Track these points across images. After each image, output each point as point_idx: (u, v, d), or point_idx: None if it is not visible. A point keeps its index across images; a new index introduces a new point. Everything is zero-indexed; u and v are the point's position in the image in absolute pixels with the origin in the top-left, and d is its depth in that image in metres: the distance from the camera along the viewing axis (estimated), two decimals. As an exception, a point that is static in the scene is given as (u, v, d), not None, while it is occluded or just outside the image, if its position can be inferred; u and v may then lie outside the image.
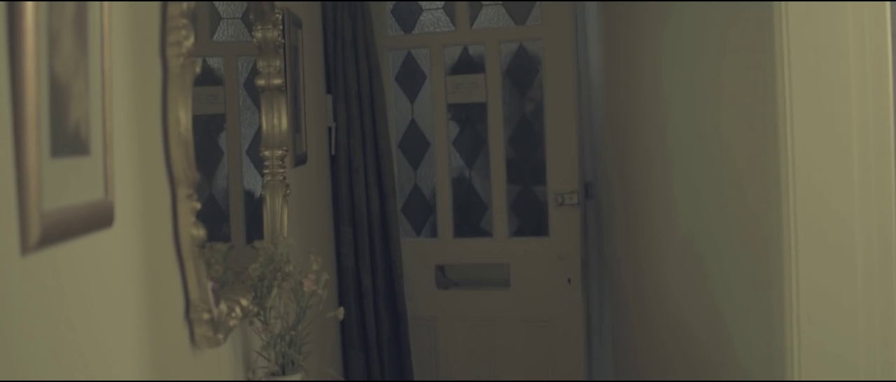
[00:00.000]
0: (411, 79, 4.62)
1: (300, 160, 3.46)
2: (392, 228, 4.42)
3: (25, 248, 1.19)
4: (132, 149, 1.67)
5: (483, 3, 4.63)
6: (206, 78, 2.85)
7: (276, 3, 2.82)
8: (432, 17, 4.63)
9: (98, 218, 1.44)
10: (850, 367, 2.51)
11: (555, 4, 4.56)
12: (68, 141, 1.32)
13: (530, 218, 4.71)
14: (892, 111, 2.53)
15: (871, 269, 2.50)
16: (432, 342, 4.75)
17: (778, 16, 2.48)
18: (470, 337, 4.69)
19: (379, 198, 4.39)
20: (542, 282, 4.62)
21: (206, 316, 1.96)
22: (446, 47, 4.62)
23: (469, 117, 4.69)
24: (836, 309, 2.51)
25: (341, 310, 2.65)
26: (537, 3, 4.60)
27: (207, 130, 2.83)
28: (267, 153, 2.80)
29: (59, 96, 1.28)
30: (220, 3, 2.73)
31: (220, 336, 2.02)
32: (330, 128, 4.36)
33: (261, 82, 2.79)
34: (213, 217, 2.80)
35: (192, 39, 1.87)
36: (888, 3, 2.53)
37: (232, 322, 2.14)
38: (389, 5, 4.65)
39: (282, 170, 2.82)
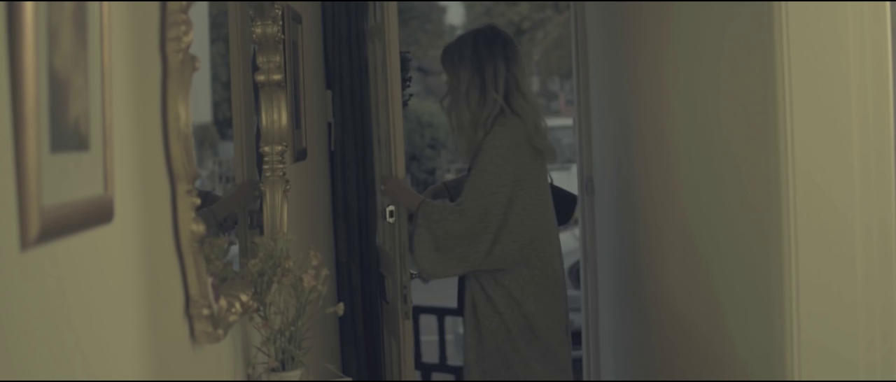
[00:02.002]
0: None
1: (300, 155, 3.46)
2: (371, 226, 4.42)
3: (25, 243, 1.20)
4: (132, 144, 1.67)
5: None
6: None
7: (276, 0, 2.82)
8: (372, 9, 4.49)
9: (97, 214, 1.44)
10: (849, 363, 2.51)
11: None
12: (68, 136, 1.32)
13: None
14: (892, 106, 2.53)
15: (871, 265, 2.50)
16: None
17: (778, 12, 2.48)
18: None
19: (365, 195, 4.40)
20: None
21: (205, 311, 1.96)
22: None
23: None
24: (836, 305, 2.51)
25: (341, 306, 2.65)
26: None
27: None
28: (267, 148, 2.80)
29: (58, 92, 1.28)
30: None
31: (220, 331, 2.02)
32: (329, 124, 4.36)
33: (260, 78, 2.79)
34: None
35: (191, 35, 1.87)
36: (888, 1, 2.53)
37: (232, 318, 2.14)
38: None
39: (281, 166, 2.82)
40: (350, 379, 2.86)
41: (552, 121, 17.18)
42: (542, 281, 3.66)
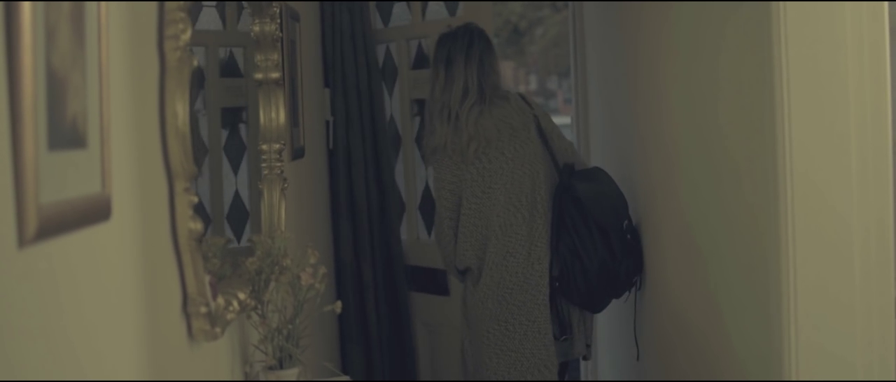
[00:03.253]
0: (390, 73, 4.56)
1: (297, 154, 3.46)
2: (392, 223, 4.41)
3: (23, 241, 1.19)
4: (129, 142, 1.67)
5: None
6: (231, 69, 2.86)
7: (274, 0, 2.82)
8: (400, 8, 4.51)
9: (95, 212, 1.44)
10: (847, 364, 2.51)
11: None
12: (65, 134, 1.32)
13: None
14: (890, 107, 2.53)
15: (869, 266, 2.50)
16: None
17: (776, 11, 2.48)
18: (434, 343, 4.51)
19: (378, 193, 4.39)
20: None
21: (203, 309, 1.96)
22: (409, 40, 4.40)
23: (422, 114, 4.42)
24: (834, 306, 2.51)
25: (339, 304, 2.65)
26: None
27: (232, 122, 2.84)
28: (264, 147, 2.80)
29: (56, 90, 1.28)
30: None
31: (218, 329, 2.02)
32: (328, 122, 4.36)
33: (258, 76, 2.79)
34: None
35: (189, 33, 1.87)
36: (886, 0, 2.53)
37: (229, 316, 2.14)
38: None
39: (279, 164, 2.82)
40: (348, 378, 2.86)
41: (550, 120, 17.15)
42: (504, 279, 3.60)
